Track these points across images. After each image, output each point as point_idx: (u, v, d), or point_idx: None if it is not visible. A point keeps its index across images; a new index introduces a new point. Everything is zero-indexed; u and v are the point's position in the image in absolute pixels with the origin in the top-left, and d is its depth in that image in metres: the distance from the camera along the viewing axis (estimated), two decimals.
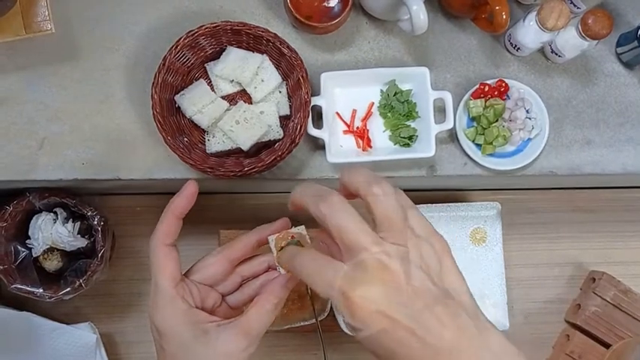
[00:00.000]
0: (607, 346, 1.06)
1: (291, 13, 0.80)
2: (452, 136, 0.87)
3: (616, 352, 1.05)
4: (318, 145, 0.86)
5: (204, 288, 0.55)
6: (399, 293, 0.43)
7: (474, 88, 0.85)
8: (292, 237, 0.56)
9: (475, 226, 1.07)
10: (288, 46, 0.80)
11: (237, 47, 0.82)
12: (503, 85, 0.85)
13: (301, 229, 0.58)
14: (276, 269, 0.56)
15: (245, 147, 0.81)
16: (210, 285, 0.55)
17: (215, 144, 0.82)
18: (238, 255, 0.56)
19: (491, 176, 0.89)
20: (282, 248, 0.55)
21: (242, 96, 0.84)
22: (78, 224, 0.95)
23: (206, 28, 0.79)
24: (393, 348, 0.42)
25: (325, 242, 0.49)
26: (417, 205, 1.02)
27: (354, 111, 0.86)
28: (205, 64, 0.84)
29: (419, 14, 0.75)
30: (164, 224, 0.55)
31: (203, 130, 0.83)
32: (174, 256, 0.54)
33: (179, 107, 0.82)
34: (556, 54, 0.85)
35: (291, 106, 0.84)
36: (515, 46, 0.85)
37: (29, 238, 0.94)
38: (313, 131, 0.81)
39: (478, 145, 0.86)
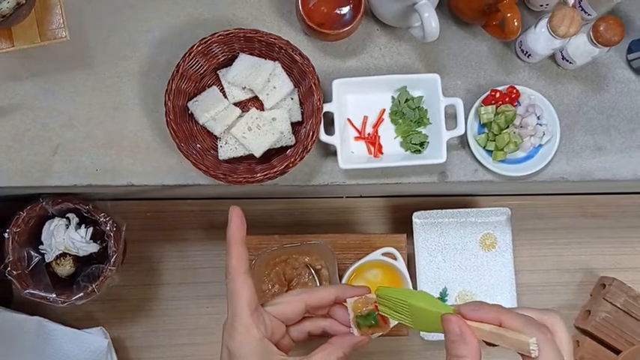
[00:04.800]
0: (617, 352, 1.06)
1: (303, 20, 0.81)
2: (463, 142, 0.87)
3: (626, 359, 1.05)
4: (330, 152, 0.86)
5: (275, 321, 0.56)
6: None
7: (485, 94, 0.86)
8: (374, 304, 0.57)
9: (485, 232, 1.07)
10: (300, 53, 0.80)
11: (250, 54, 0.83)
12: (514, 91, 0.86)
13: None
14: (349, 329, 0.58)
15: (257, 153, 0.81)
16: (281, 320, 0.57)
17: (227, 150, 0.83)
18: (314, 303, 0.58)
19: (501, 182, 0.89)
20: (360, 312, 0.57)
21: (254, 103, 0.85)
22: (90, 230, 0.96)
23: (219, 35, 0.79)
24: None
25: None
26: (428, 211, 1.04)
27: (366, 117, 0.86)
28: (218, 71, 0.85)
29: (430, 21, 0.76)
30: (233, 256, 0.56)
31: (215, 136, 0.83)
32: (251, 284, 0.55)
33: (192, 114, 0.83)
34: (567, 61, 0.86)
35: (302, 113, 0.84)
36: (526, 52, 0.85)
37: (42, 243, 0.95)
38: (325, 137, 0.82)
39: (489, 152, 0.87)
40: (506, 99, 0.86)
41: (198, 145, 0.82)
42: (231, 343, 0.53)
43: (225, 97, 0.84)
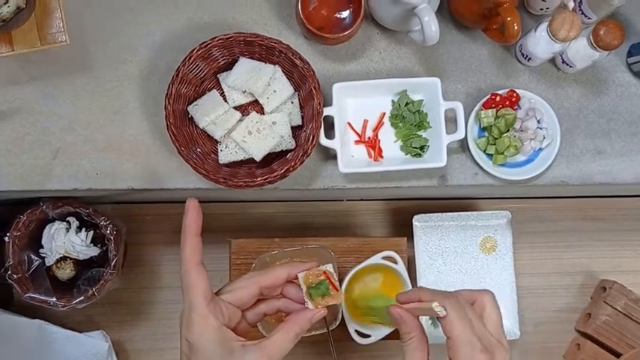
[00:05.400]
0: (618, 355, 1.06)
1: (303, 24, 0.81)
2: (463, 146, 0.87)
3: None
4: (330, 155, 0.86)
5: (231, 308, 0.57)
6: None
7: (485, 98, 0.86)
8: (324, 273, 0.60)
9: (485, 235, 1.07)
10: (300, 57, 0.80)
11: (250, 58, 0.83)
12: (515, 95, 0.86)
13: (329, 267, 0.61)
14: (304, 303, 0.60)
15: (258, 157, 0.81)
16: (237, 306, 0.58)
17: (228, 154, 0.83)
18: (268, 284, 0.60)
19: (502, 186, 0.89)
20: (312, 284, 0.60)
21: (254, 106, 0.85)
22: (91, 233, 0.96)
23: (219, 39, 0.79)
24: None
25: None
26: (428, 214, 1.04)
27: (366, 121, 0.86)
28: (218, 75, 0.85)
29: (430, 25, 0.76)
30: (187, 246, 0.57)
31: (216, 140, 0.83)
32: (205, 275, 0.56)
33: (192, 118, 0.83)
34: (567, 64, 0.86)
35: (303, 117, 0.84)
36: (527, 56, 0.85)
37: (42, 247, 0.95)
38: (325, 141, 0.82)
39: (489, 155, 0.87)
40: (507, 103, 0.86)
41: (198, 149, 0.82)
42: (189, 335, 0.54)
43: (226, 100, 0.84)
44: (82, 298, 0.92)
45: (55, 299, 0.92)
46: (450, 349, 0.54)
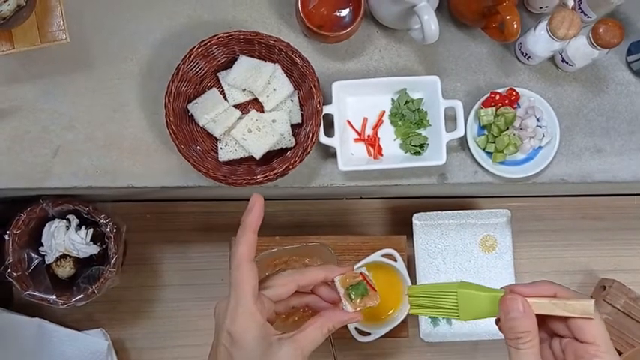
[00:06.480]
0: (618, 353, 1.06)
1: (303, 22, 0.81)
2: (462, 144, 0.87)
3: None
4: (329, 154, 0.86)
5: (269, 302, 0.58)
6: None
7: (485, 96, 0.86)
8: (361, 275, 0.60)
9: (485, 234, 1.07)
10: (300, 56, 0.80)
11: (250, 56, 0.83)
12: (514, 93, 0.86)
13: (364, 269, 0.62)
14: (341, 305, 0.60)
15: (257, 155, 0.81)
16: (273, 301, 0.59)
17: (227, 152, 0.83)
18: (305, 282, 0.61)
19: (501, 184, 0.89)
20: (350, 285, 0.60)
21: (254, 104, 0.85)
22: (91, 231, 0.96)
23: (219, 37, 0.80)
24: None
25: None
26: (427, 213, 1.04)
27: (365, 119, 0.86)
28: (218, 73, 0.85)
29: (430, 24, 0.76)
30: (244, 242, 0.57)
31: (215, 138, 0.83)
32: (255, 273, 0.57)
33: (192, 116, 0.83)
34: (566, 63, 0.86)
35: (302, 115, 0.84)
36: (526, 54, 0.85)
37: (42, 245, 0.95)
38: (324, 139, 0.82)
39: (489, 154, 0.87)
40: (506, 101, 0.86)
41: (198, 147, 0.82)
42: (233, 328, 0.55)
43: (225, 99, 0.84)
44: (81, 295, 0.92)
45: (54, 297, 0.92)
46: (593, 356, 0.51)
